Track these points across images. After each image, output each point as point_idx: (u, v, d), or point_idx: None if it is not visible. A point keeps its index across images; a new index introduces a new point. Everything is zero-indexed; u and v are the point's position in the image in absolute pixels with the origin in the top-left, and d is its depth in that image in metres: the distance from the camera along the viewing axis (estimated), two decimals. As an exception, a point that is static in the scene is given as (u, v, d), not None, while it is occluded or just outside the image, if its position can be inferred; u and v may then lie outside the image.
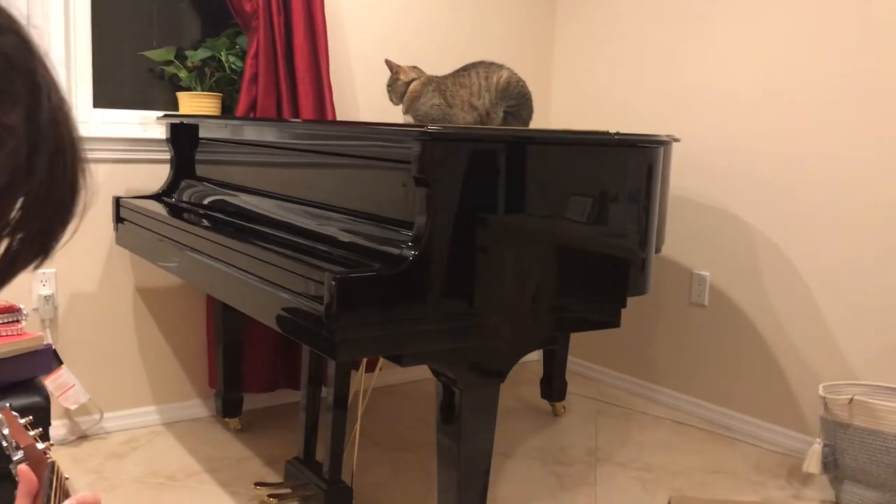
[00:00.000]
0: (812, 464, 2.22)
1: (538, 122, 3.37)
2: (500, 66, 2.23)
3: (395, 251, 1.49)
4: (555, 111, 3.43)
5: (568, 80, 3.36)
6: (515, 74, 2.22)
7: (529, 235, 1.60)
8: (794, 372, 2.62)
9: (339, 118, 2.80)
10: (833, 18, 2.48)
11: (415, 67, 2.32)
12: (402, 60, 2.41)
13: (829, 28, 2.49)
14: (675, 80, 2.93)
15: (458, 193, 1.48)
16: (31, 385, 1.86)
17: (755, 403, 2.73)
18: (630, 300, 3.11)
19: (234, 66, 2.65)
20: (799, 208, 2.58)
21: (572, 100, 3.34)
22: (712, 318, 2.85)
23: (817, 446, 2.23)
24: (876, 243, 2.40)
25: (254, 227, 1.96)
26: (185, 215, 2.17)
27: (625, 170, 1.73)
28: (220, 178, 2.34)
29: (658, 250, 2.38)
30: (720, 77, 2.79)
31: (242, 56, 2.66)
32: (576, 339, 3.37)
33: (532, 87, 2.29)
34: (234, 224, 2.03)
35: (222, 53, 2.63)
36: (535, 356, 3.52)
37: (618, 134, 1.72)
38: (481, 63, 2.24)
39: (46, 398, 1.84)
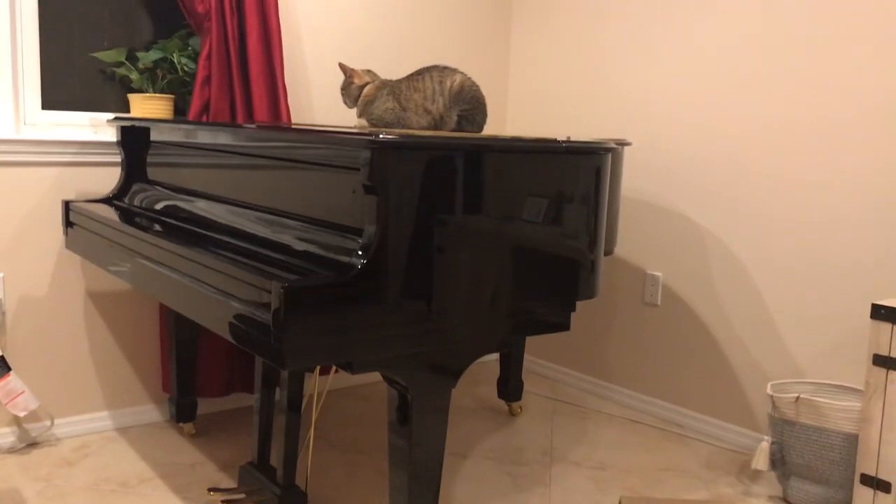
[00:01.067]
0: (760, 461, 2.27)
1: (495, 125, 3.38)
2: (454, 71, 2.24)
3: (346, 259, 1.49)
4: (511, 115, 3.44)
5: (524, 85, 3.38)
6: (469, 79, 2.23)
7: (482, 241, 1.61)
8: (743, 370, 2.68)
9: (294, 121, 2.79)
10: (781, 23, 2.53)
11: (369, 71, 2.32)
12: (356, 64, 2.40)
13: (778, 31, 2.54)
14: (628, 84, 2.96)
15: (409, 201, 1.48)
16: (-24, 394, 1.82)
17: (706, 401, 2.78)
18: (583, 303, 3.15)
19: (186, 68, 2.62)
20: (748, 210, 2.63)
21: (528, 104, 3.36)
22: (665, 318, 2.89)
23: (765, 444, 2.28)
24: (821, 245, 2.46)
25: (206, 233, 1.94)
26: (137, 220, 2.14)
27: (575, 175, 1.75)
28: (172, 181, 2.32)
29: (610, 252, 2.41)
30: (671, 82, 2.83)
31: (195, 58, 2.63)
32: (533, 338, 3.39)
33: (488, 92, 2.31)
34: (186, 230, 2.00)
35: (174, 55, 2.60)
36: (493, 356, 3.54)
37: (567, 141, 1.74)
38: (435, 67, 2.24)
39: (-8, 408, 1.80)
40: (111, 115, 2.60)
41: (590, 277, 1.80)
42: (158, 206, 2.28)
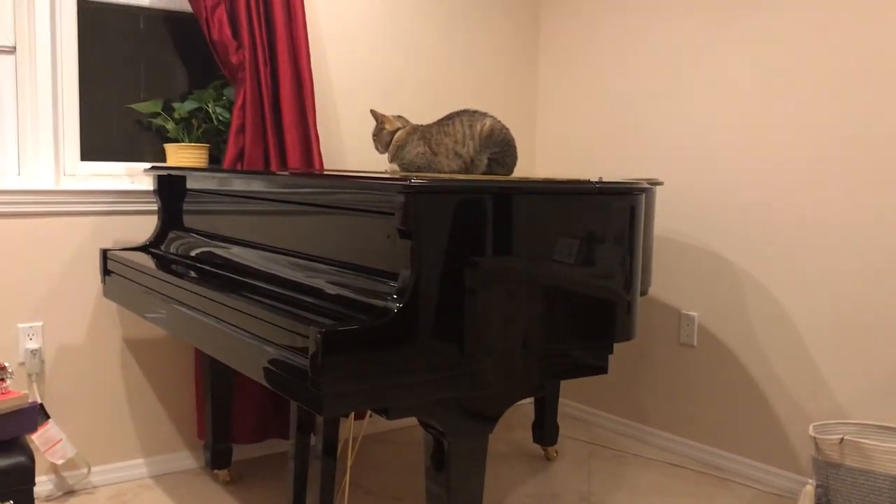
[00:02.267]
0: (805, 505, 2.21)
1: (524, 167, 3.40)
2: (484, 115, 2.26)
3: (380, 303, 1.50)
4: (540, 157, 3.46)
5: (552, 126, 3.40)
6: (499, 122, 2.25)
7: (514, 283, 1.60)
8: (784, 411, 2.62)
9: (326, 167, 2.82)
10: (816, 59, 2.53)
11: (399, 117, 2.35)
12: (387, 110, 2.44)
13: (814, 68, 2.53)
14: (658, 123, 2.96)
15: (443, 244, 1.49)
16: (15, 444, 1.84)
17: (747, 443, 2.72)
18: (619, 345, 3.12)
19: (221, 118, 2.67)
20: (785, 248, 2.60)
21: (557, 145, 3.38)
22: (702, 359, 2.84)
23: (810, 487, 2.22)
24: (862, 283, 2.42)
25: (241, 278, 1.96)
26: (173, 267, 2.17)
27: (608, 216, 1.74)
28: (207, 228, 2.35)
29: (644, 292, 2.39)
30: (702, 119, 2.82)
31: (229, 107, 2.68)
32: (567, 380, 3.36)
33: (517, 134, 2.33)
34: (221, 276, 2.03)
35: (209, 105, 2.66)
36: (528, 399, 3.51)
37: (600, 182, 1.74)
38: (465, 112, 2.27)
39: (31, 457, 1.82)
40: (148, 165, 2.65)
41: (626, 318, 1.79)
42: (194, 253, 2.31)
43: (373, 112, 2.32)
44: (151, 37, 2.69)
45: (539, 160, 3.46)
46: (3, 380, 1.87)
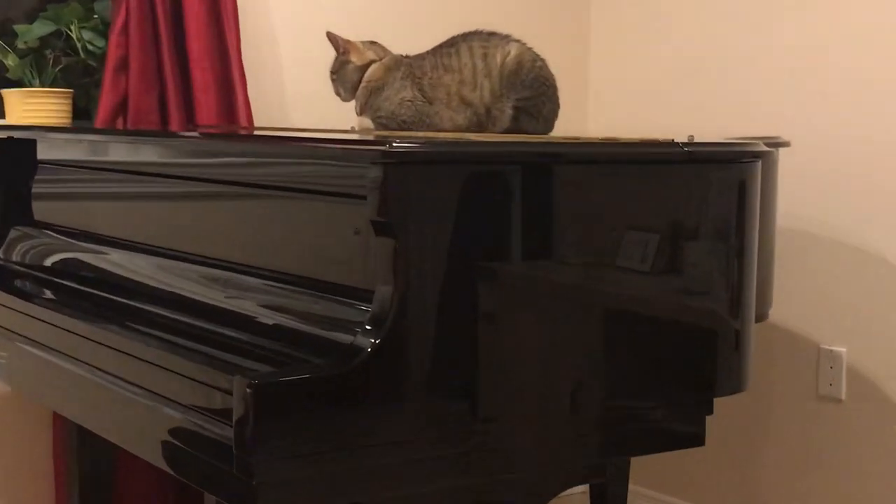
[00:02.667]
0: None
1: (572, 123, 3.38)
2: (506, 38, 2.25)
3: (346, 338, 1.49)
4: (595, 105, 3.45)
5: (613, 57, 3.39)
6: (530, 50, 2.24)
7: (556, 305, 1.60)
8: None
9: (258, 125, 2.81)
10: None
11: (374, 43, 2.34)
12: (355, 34, 2.42)
13: None
14: (780, 50, 2.96)
15: (443, 244, 1.49)
16: None
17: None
18: (722, 400, 3.10)
19: (91, 47, 2.67)
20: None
21: (620, 88, 3.37)
22: (853, 419, 2.84)
23: None
24: None
25: (125, 301, 1.96)
26: (16, 284, 2.17)
27: (705, 196, 1.74)
28: (72, 223, 2.34)
29: (762, 317, 2.38)
30: (853, 47, 2.82)
31: (104, 31, 2.68)
32: (641, 457, 3.35)
33: (560, 72, 2.31)
34: (94, 298, 2.02)
35: (72, 27, 2.65)
36: (581, 487, 3.50)
37: (691, 143, 1.73)
38: (476, 34, 2.26)
39: None
40: (-25, 123, 2.65)
41: (733, 358, 1.78)
42: (50, 262, 2.31)
43: (331, 37, 2.31)
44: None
45: (593, 113, 3.45)
46: None
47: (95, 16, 2.70)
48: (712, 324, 1.76)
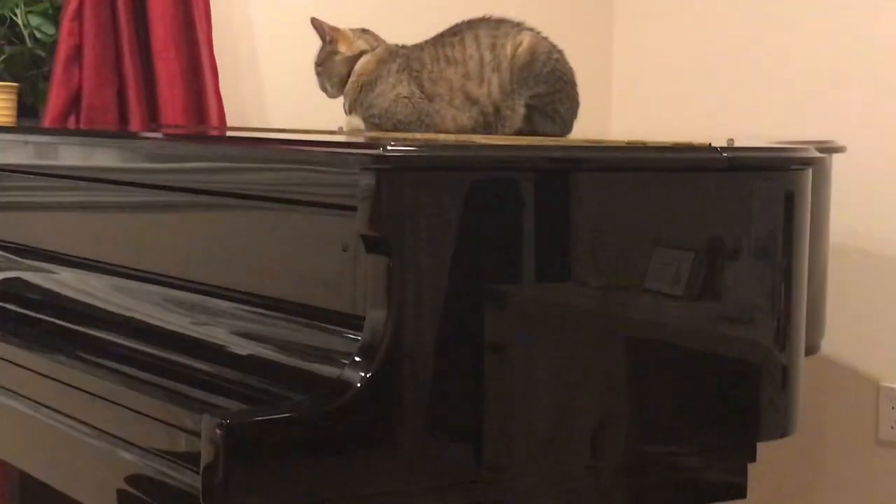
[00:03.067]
0: None
1: (594, 124, 3.38)
2: (518, 26, 2.25)
3: (332, 371, 1.49)
4: (618, 104, 3.46)
5: (640, 48, 3.40)
6: (545, 40, 2.24)
7: (581, 335, 1.60)
8: None
9: (230, 123, 2.82)
10: None
11: (364, 31, 2.34)
12: (344, 20, 2.42)
13: None
14: (833, 45, 2.96)
15: (444, 262, 1.48)
16: None
17: None
18: (768, 445, 3.10)
19: (39, 34, 2.68)
20: None
21: (649, 83, 3.37)
22: (918, 469, 2.83)
23: None
24: None
25: (76, 327, 1.96)
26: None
27: (746, 208, 1.74)
28: (13, 238, 2.34)
29: (813, 349, 2.38)
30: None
31: (55, 16, 2.68)
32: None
33: (581, 66, 2.31)
34: (41, 324, 2.02)
35: (18, 12, 2.66)
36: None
37: (731, 148, 1.73)
38: (483, 21, 2.26)
39: None
40: None
41: (779, 397, 1.78)
42: (-10, 283, 2.31)
43: (316, 24, 2.31)
44: None
45: (617, 112, 3.45)
46: None
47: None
48: (755, 357, 1.75)
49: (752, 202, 1.74)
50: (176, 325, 1.81)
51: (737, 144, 1.79)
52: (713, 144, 1.73)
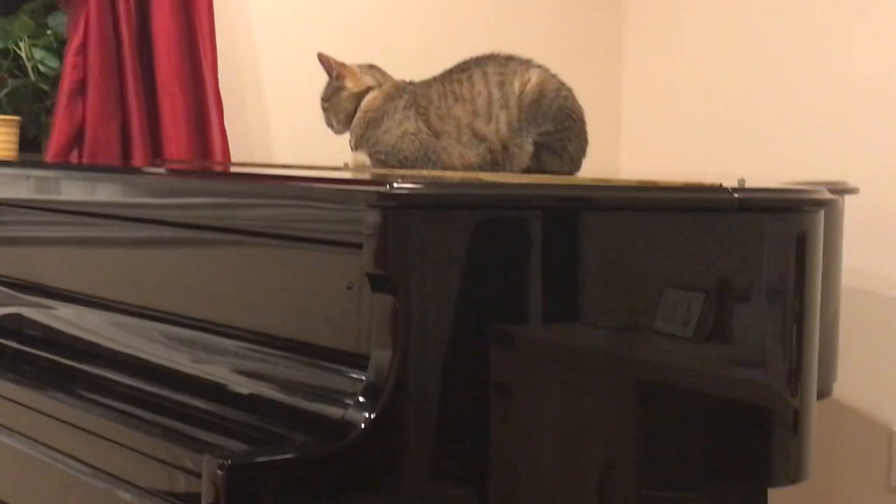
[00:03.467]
0: None
1: (603, 163, 3.39)
2: (527, 63, 2.26)
3: (336, 412, 1.48)
4: (627, 143, 3.46)
5: (649, 87, 3.40)
6: (554, 77, 2.25)
7: (589, 378, 1.60)
8: None
9: (234, 158, 2.82)
10: None
11: (371, 67, 2.34)
12: (351, 56, 2.43)
13: None
14: (846, 83, 2.97)
15: (450, 302, 1.48)
16: None
17: None
18: (779, 491, 3.09)
19: (43, 68, 2.68)
20: None
21: (658, 122, 3.38)
22: (930, 518, 2.82)
23: None
24: None
25: (74, 364, 1.96)
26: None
27: (757, 250, 1.74)
28: (13, 273, 2.34)
29: (825, 393, 2.37)
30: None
31: (60, 49, 2.69)
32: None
33: (589, 102, 2.31)
34: (38, 360, 2.02)
35: (22, 45, 2.67)
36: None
37: (742, 188, 1.73)
38: (491, 58, 2.26)
39: None
40: None
41: (790, 442, 1.78)
42: (-11, 318, 2.31)
43: (322, 59, 2.32)
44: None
45: (626, 151, 3.45)
46: None
47: (49, 31, 2.72)
48: (766, 401, 1.75)
49: (764, 243, 1.74)
50: (176, 362, 1.81)
51: (748, 185, 1.79)
52: (724, 185, 1.73)
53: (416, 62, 2.40)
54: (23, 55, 2.68)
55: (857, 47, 2.96)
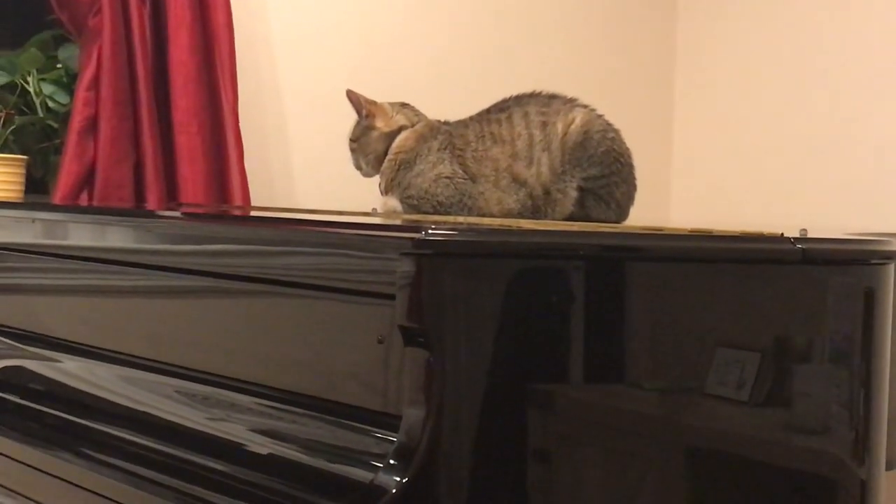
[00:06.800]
0: None
1: (651, 210, 3.39)
2: (571, 102, 2.26)
3: (364, 475, 1.48)
4: (679, 189, 3.45)
5: (702, 129, 3.41)
6: (600, 118, 2.25)
7: (636, 442, 1.60)
8: None
9: (255, 202, 2.83)
10: None
11: (404, 106, 2.35)
12: (381, 93, 2.44)
13: None
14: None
15: (487, 358, 1.48)
16: None
17: None
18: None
19: (52, 104, 2.70)
20: None
21: (711, 167, 3.38)
22: None
23: None
24: None
25: (81, 421, 1.96)
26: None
27: (821, 307, 1.73)
28: (17, 323, 2.35)
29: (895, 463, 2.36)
30: None
31: (70, 84, 2.72)
32: None
33: (638, 146, 2.31)
34: (43, 417, 2.02)
35: (30, 80, 2.69)
36: None
37: (805, 238, 1.73)
38: (533, 97, 2.27)
39: None
40: None
41: (857, 517, 1.76)
42: (-9, 372, 2.31)
43: (351, 96, 2.33)
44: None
45: (677, 197, 3.45)
46: None
47: (59, 65, 2.74)
48: (830, 472, 1.73)
49: (828, 299, 1.73)
50: (190, 420, 1.81)
51: (811, 235, 1.78)
52: (785, 234, 1.73)
53: (451, 101, 2.41)
54: (31, 90, 2.69)
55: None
